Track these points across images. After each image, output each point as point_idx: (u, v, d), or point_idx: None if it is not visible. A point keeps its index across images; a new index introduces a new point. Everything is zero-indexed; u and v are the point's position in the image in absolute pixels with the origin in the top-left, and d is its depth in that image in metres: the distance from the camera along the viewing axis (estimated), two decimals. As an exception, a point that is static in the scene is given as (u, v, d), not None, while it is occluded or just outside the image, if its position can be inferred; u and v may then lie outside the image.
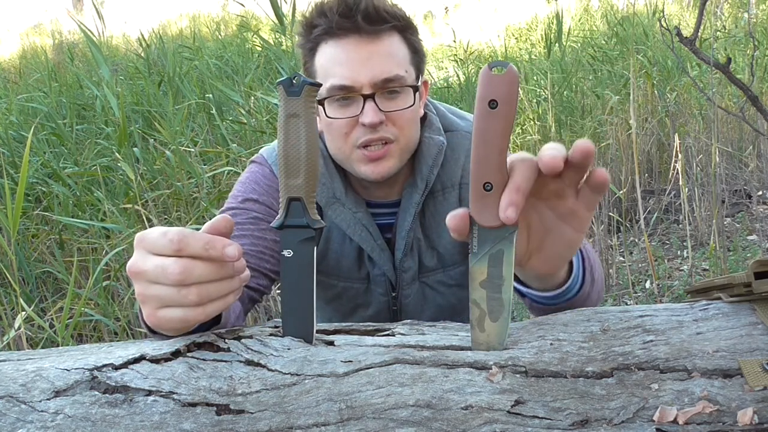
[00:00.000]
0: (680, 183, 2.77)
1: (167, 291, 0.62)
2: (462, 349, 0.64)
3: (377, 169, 1.07)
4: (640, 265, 3.08)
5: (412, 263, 1.19)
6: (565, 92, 4.32)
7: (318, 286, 1.22)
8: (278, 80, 0.68)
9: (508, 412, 0.58)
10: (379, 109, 1.04)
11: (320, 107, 1.07)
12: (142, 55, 4.78)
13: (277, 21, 3.04)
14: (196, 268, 0.62)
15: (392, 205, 1.18)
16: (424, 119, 1.16)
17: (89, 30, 2.61)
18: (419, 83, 1.11)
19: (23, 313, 1.59)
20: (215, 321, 0.73)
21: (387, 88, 1.04)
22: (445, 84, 4.75)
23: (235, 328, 0.71)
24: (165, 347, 0.65)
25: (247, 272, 0.68)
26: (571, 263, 0.76)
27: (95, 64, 2.98)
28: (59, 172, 3.15)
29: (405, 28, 1.08)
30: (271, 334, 0.67)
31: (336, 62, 1.04)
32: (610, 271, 2.84)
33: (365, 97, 1.03)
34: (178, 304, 0.63)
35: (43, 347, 2.02)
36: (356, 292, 1.22)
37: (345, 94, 1.04)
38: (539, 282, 0.75)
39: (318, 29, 1.05)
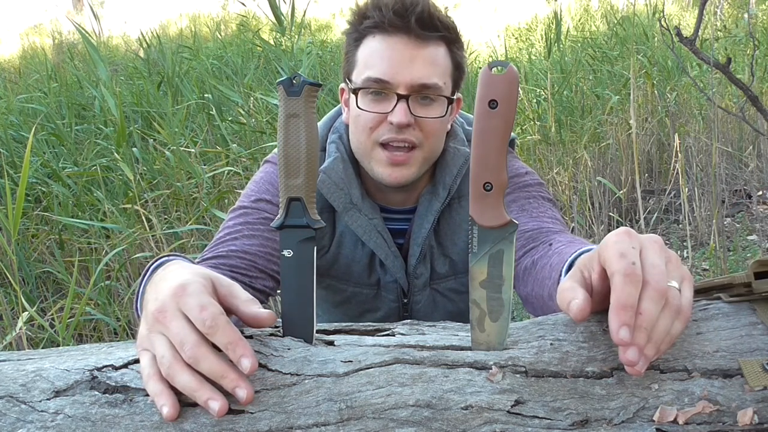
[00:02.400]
0: (680, 183, 2.77)
1: (168, 353, 0.59)
2: (462, 349, 0.64)
3: (395, 174, 1.07)
4: (640, 265, 3.07)
5: (424, 270, 1.19)
6: (565, 92, 4.32)
7: (327, 289, 1.22)
8: (278, 80, 0.68)
9: (508, 412, 0.58)
10: (410, 112, 1.04)
11: (353, 96, 1.07)
12: (142, 55, 4.78)
13: (276, 22, 3.04)
14: (206, 360, 0.59)
15: (405, 211, 1.18)
16: (449, 130, 1.16)
17: (86, 31, 2.61)
18: (455, 96, 1.11)
19: (25, 313, 1.59)
20: None
21: (422, 93, 1.05)
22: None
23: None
24: (165, 347, 0.65)
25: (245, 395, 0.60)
26: None
27: (94, 64, 2.98)
28: (59, 173, 3.15)
29: (453, 41, 1.09)
30: (271, 334, 0.67)
31: (378, 56, 1.05)
32: (610, 271, 2.82)
33: (399, 97, 1.04)
34: (167, 367, 0.60)
35: (43, 347, 2.02)
36: (365, 298, 1.21)
37: (379, 87, 1.04)
38: None
39: (369, 21, 1.06)
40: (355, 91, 1.06)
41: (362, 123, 1.07)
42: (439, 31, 1.06)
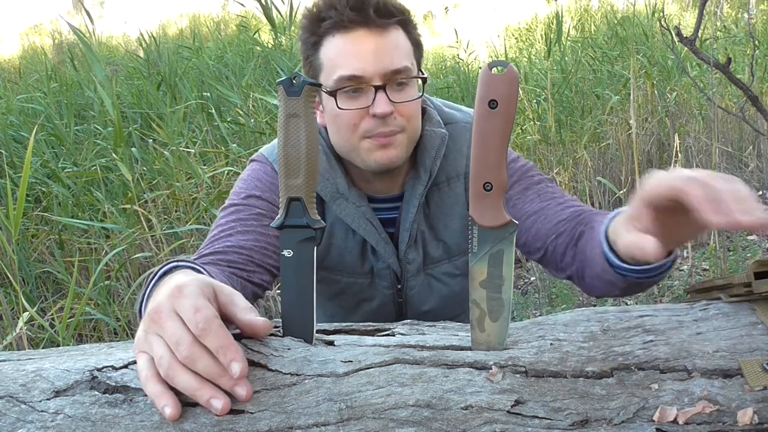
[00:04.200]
0: (680, 183, 2.75)
1: (166, 354, 0.59)
2: (462, 349, 0.64)
3: (386, 155, 1.08)
4: (640, 265, 3.07)
5: (416, 255, 1.20)
6: (565, 92, 4.32)
7: (321, 282, 1.23)
8: (278, 80, 0.68)
9: (508, 412, 0.58)
10: (390, 101, 1.05)
11: (330, 99, 1.08)
12: (141, 55, 4.78)
13: (269, 23, 3.04)
14: (201, 361, 0.59)
15: (393, 199, 1.19)
16: (423, 114, 1.17)
17: (80, 31, 2.61)
18: (425, 75, 1.13)
19: (26, 313, 1.59)
20: None
21: (396, 79, 1.06)
22: (445, 85, 4.75)
23: (235, 331, 0.71)
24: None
25: (245, 393, 0.61)
26: None
27: (90, 65, 2.98)
28: (58, 173, 3.15)
29: (407, 22, 1.11)
30: (271, 334, 0.67)
31: (345, 54, 1.06)
32: (610, 271, 2.83)
33: (376, 88, 1.05)
34: (166, 368, 0.60)
35: (43, 347, 2.02)
36: (360, 287, 1.22)
37: (356, 84, 1.05)
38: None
39: (327, 22, 1.07)
40: (332, 93, 1.07)
41: (345, 122, 1.08)
42: (395, 15, 1.07)
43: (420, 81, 1.12)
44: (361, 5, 1.05)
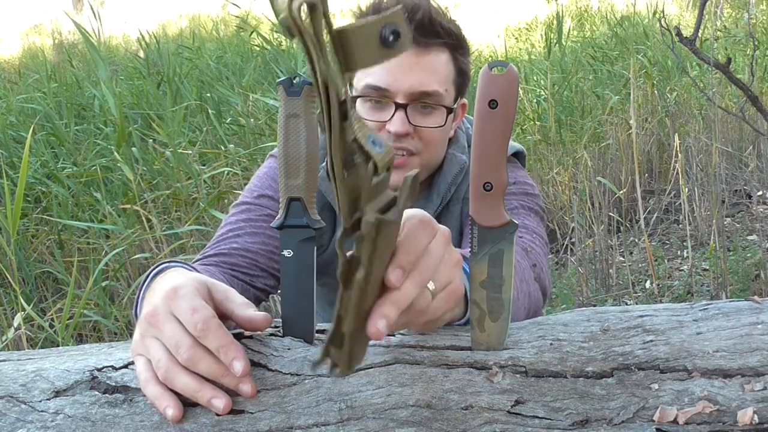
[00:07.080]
0: (680, 183, 2.77)
1: (164, 356, 0.59)
2: (462, 349, 0.64)
3: (393, 178, 1.06)
4: (640, 265, 3.08)
5: None
6: (565, 92, 4.32)
7: (323, 287, 1.22)
8: (278, 80, 0.68)
9: (508, 412, 0.58)
10: (409, 122, 1.02)
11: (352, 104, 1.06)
12: (141, 55, 4.78)
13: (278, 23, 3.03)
14: (203, 362, 0.59)
15: None
16: (452, 135, 1.14)
17: (86, 31, 2.61)
18: (456, 105, 1.09)
19: (23, 312, 1.59)
20: None
21: (422, 101, 1.03)
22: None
23: (236, 330, 0.71)
24: (165, 347, 0.65)
25: (249, 389, 0.61)
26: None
27: (94, 64, 2.98)
28: (57, 173, 3.15)
29: (456, 47, 1.07)
30: (271, 334, 0.67)
31: None
32: (610, 271, 2.84)
33: (398, 106, 1.02)
34: (164, 371, 0.60)
35: (42, 347, 2.02)
36: None
37: (378, 96, 1.03)
38: None
39: None
40: (354, 99, 1.04)
41: None
42: (441, 37, 1.04)
43: (456, 110, 1.08)
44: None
